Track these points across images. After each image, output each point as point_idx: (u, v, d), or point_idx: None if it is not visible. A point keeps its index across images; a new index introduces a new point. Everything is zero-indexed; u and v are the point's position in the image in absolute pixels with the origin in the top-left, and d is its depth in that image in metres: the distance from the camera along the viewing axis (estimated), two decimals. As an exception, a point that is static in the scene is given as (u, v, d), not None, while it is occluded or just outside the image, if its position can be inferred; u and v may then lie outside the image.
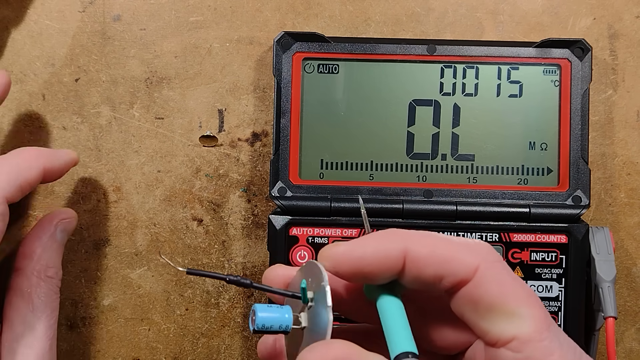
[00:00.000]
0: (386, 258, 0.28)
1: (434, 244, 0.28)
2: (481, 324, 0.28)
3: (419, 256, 0.28)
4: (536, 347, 0.27)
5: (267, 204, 0.48)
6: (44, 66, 0.48)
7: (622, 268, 0.48)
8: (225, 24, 0.48)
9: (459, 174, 0.45)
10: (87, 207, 0.48)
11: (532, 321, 0.27)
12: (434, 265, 0.28)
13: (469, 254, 0.28)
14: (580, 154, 0.44)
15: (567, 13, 0.48)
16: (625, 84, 0.47)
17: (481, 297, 0.28)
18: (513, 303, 0.27)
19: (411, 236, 0.29)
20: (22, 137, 0.48)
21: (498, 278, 0.28)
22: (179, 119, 0.48)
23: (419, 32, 0.48)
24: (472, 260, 0.28)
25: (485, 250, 0.29)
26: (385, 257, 0.28)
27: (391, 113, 0.45)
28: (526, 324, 0.27)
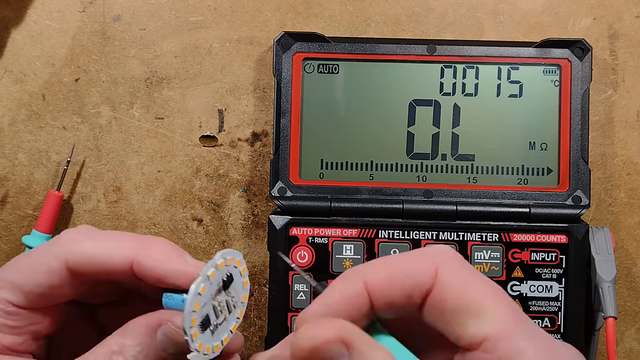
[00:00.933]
0: (351, 302, 0.27)
1: (388, 264, 0.28)
2: (453, 330, 0.27)
3: (378, 283, 0.27)
4: (507, 345, 0.26)
5: (267, 204, 0.48)
6: (44, 66, 0.48)
7: (622, 268, 0.48)
8: (225, 24, 0.48)
9: (459, 174, 0.45)
10: (87, 207, 0.48)
11: (500, 318, 0.26)
12: (397, 285, 0.27)
13: (424, 260, 0.28)
14: (580, 154, 0.44)
15: (567, 13, 0.48)
16: (625, 84, 0.47)
17: (446, 300, 0.27)
18: (478, 300, 0.26)
19: (366, 269, 0.28)
20: (22, 137, 0.48)
21: (458, 276, 0.27)
22: (179, 119, 0.48)
23: (419, 32, 0.48)
24: (428, 265, 0.27)
25: (442, 252, 0.28)
26: (349, 301, 0.27)
27: (391, 113, 0.45)
28: (494, 321, 0.26)
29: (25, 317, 0.31)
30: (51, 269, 0.30)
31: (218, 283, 0.29)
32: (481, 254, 0.44)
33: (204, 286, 0.28)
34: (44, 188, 0.48)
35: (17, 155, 0.48)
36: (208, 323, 0.28)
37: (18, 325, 0.30)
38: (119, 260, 0.29)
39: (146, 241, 0.30)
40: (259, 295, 0.48)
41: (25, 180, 0.48)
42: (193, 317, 0.28)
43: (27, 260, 0.30)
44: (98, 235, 0.30)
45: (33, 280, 0.30)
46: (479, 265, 0.44)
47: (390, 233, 0.44)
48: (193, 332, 0.28)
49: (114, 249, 0.29)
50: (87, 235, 0.30)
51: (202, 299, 0.28)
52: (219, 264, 0.29)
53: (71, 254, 0.29)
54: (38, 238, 0.46)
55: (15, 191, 0.48)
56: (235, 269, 0.30)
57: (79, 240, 0.30)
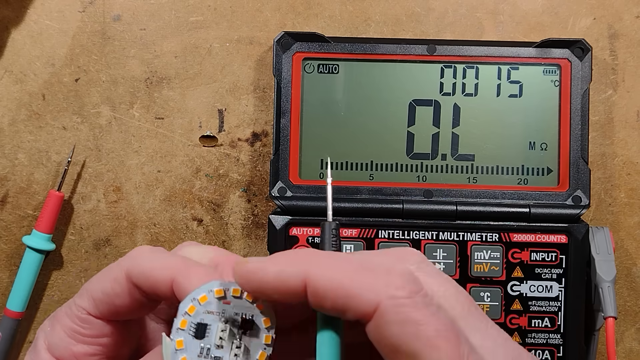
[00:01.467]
0: (285, 285, 0.27)
1: (337, 272, 0.26)
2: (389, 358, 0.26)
3: (317, 286, 0.26)
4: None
5: (267, 204, 0.48)
6: (44, 66, 0.48)
7: (622, 268, 0.48)
8: (225, 24, 0.48)
9: (459, 174, 0.45)
10: (87, 207, 0.48)
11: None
12: (333, 298, 0.26)
13: (371, 289, 0.26)
14: (580, 154, 0.44)
15: (567, 13, 0.48)
16: (625, 84, 0.47)
17: (382, 337, 0.26)
18: (414, 346, 0.25)
19: (315, 261, 0.27)
20: (22, 137, 0.48)
21: (400, 318, 0.25)
22: (179, 119, 0.48)
23: (419, 32, 0.48)
24: (372, 297, 0.26)
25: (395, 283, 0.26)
26: (284, 283, 0.27)
27: (391, 113, 0.45)
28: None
29: (96, 326, 0.31)
30: (116, 277, 0.30)
31: (236, 312, 0.27)
32: (481, 254, 0.44)
33: (204, 295, 0.27)
34: (44, 188, 0.48)
35: (17, 155, 0.48)
36: (202, 335, 0.27)
37: (89, 334, 0.31)
38: (162, 277, 0.29)
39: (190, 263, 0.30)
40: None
41: (25, 180, 0.48)
42: (184, 318, 0.27)
43: (103, 270, 0.32)
44: (158, 252, 0.31)
45: (101, 287, 0.31)
46: (478, 266, 0.44)
47: (390, 233, 0.44)
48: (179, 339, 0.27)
49: (161, 265, 0.30)
50: (150, 251, 0.31)
51: (200, 307, 0.27)
52: (233, 289, 0.28)
53: (131, 265, 0.30)
54: (38, 238, 0.46)
55: (15, 191, 0.48)
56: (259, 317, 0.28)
57: (140, 254, 0.31)
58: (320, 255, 0.27)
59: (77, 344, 0.31)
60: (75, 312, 0.31)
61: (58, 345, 0.31)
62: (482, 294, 0.44)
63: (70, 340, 0.31)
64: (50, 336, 0.32)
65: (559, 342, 0.44)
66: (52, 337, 0.32)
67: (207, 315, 0.27)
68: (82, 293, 0.32)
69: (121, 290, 0.31)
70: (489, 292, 0.44)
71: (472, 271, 0.44)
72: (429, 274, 0.28)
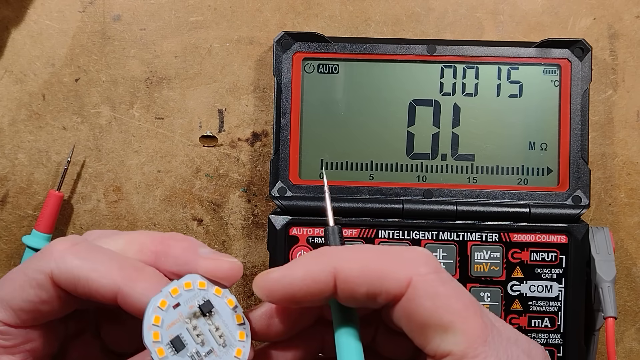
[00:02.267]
0: (316, 282, 0.27)
1: (364, 259, 0.27)
2: (418, 338, 0.27)
3: (348, 276, 0.27)
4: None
5: (267, 204, 0.48)
6: (44, 66, 0.48)
7: (622, 268, 0.48)
8: (225, 24, 0.48)
9: (459, 174, 0.45)
10: (87, 207, 0.48)
11: (466, 336, 0.26)
12: (366, 284, 0.27)
13: (401, 268, 0.27)
14: (580, 154, 0.44)
15: (567, 13, 0.48)
16: (625, 84, 0.47)
17: (415, 312, 0.27)
18: (446, 318, 0.26)
19: (341, 255, 0.27)
20: (22, 137, 0.48)
21: (431, 292, 0.26)
22: (179, 119, 0.48)
23: (419, 32, 0.48)
24: (404, 275, 0.27)
25: (419, 261, 0.27)
26: (314, 280, 0.27)
27: (391, 113, 0.45)
28: (460, 339, 0.26)
29: (17, 335, 0.29)
30: (39, 283, 0.28)
31: (190, 305, 0.27)
32: (481, 254, 0.44)
33: (163, 299, 0.27)
34: (44, 188, 0.48)
35: (17, 155, 0.48)
36: (181, 346, 0.27)
37: (11, 344, 0.29)
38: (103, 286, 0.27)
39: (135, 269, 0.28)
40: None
41: (25, 180, 0.48)
42: (154, 330, 0.26)
43: (16, 275, 0.28)
44: (87, 253, 0.28)
45: (20, 296, 0.28)
46: (478, 266, 0.44)
47: (390, 233, 0.44)
48: (157, 348, 0.26)
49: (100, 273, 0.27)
50: (75, 251, 0.28)
51: (165, 314, 0.27)
52: (184, 284, 0.27)
53: (56, 269, 0.27)
54: (38, 238, 0.46)
55: (15, 191, 0.48)
56: (218, 299, 0.28)
57: (65, 255, 0.28)
58: (343, 248, 0.28)
59: (1, 356, 0.29)
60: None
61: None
62: (482, 294, 0.44)
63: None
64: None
65: (559, 342, 0.44)
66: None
67: (172, 329, 0.27)
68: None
69: (48, 297, 0.28)
70: (489, 292, 0.44)
71: (472, 271, 0.44)
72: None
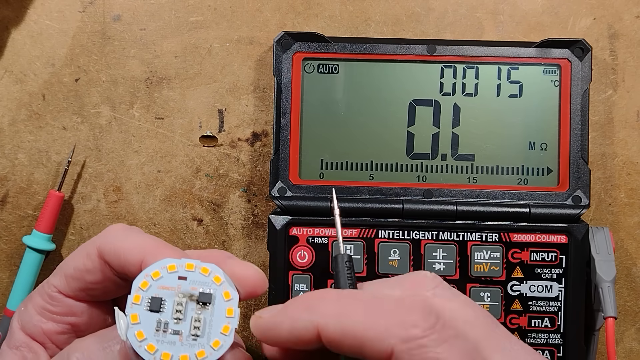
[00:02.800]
0: (300, 339, 0.27)
1: (344, 322, 0.26)
2: None
3: (330, 336, 0.26)
4: None
5: (267, 204, 0.48)
6: (44, 66, 0.48)
7: (622, 268, 0.48)
8: (225, 24, 0.48)
9: (459, 174, 0.45)
10: (87, 207, 0.48)
11: None
12: (347, 346, 0.26)
13: (382, 336, 0.25)
14: (580, 154, 0.44)
15: (567, 13, 0.48)
16: (625, 84, 0.47)
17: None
18: None
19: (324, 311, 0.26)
20: (22, 137, 0.48)
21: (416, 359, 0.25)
22: (179, 119, 0.48)
23: (419, 32, 0.48)
24: (384, 346, 0.25)
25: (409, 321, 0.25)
26: (298, 338, 0.27)
27: (391, 113, 0.45)
28: None
29: (65, 304, 0.32)
30: (88, 253, 0.31)
31: (192, 287, 0.28)
32: (481, 254, 0.44)
33: (173, 264, 0.28)
34: (44, 188, 0.48)
35: (17, 155, 0.48)
36: (157, 308, 0.27)
37: (58, 311, 0.32)
38: (133, 256, 0.30)
39: (164, 245, 0.31)
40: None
41: (25, 180, 0.48)
42: (145, 280, 0.28)
43: (78, 248, 0.32)
44: (132, 232, 0.32)
45: (73, 264, 0.31)
46: (478, 266, 0.44)
47: (390, 233, 0.44)
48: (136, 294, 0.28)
49: (132, 245, 0.30)
50: (123, 230, 0.32)
51: (166, 277, 0.28)
52: (202, 268, 0.28)
53: (103, 243, 0.31)
54: (38, 238, 0.46)
55: (15, 191, 0.48)
56: (223, 302, 0.28)
57: (114, 232, 0.32)
58: (330, 301, 0.27)
59: (47, 322, 0.32)
60: (46, 291, 0.32)
61: (29, 323, 0.32)
62: (482, 294, 0.44)
63: (40, 317, 0.32)
64: (23, 315, 0.32)
65: (559, 342, 0.44)
66: (24, 315, 0.32)
67: (162, 290, 0.28)
68: (56, 272, 0.32)
69: (93, 267, 0.31)
70: (489, 292, 0.44)
71: (472, 271, 0.44)
72: (447, 298, 0.27)
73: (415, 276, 0.29)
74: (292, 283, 0.44)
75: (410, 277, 0.29)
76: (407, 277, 0.29)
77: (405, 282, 0.29)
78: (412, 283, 0.28)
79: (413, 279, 0.29)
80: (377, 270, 0.44)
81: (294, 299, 0.28)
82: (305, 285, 0.44)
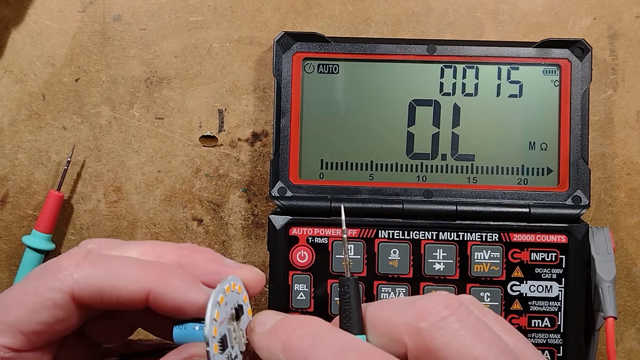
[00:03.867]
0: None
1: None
2: None
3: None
4: None
5: (267, 204, 0.48)
6: (44, 66, 0.48)
7: (622, 268, 0.48)
8: (225, 24, 0.48)
9: (459, 174, 0.45)
10: (87, 207, 0.48)
11: None
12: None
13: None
14: (580, 154, 0.44)
15: (567, 13, 0.48)
16: (625, 84, 0.47)
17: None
18: None
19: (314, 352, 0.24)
20: (22, 137, 0.48)
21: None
22: (179, 119, 0.48)
23: (419, 32, 0.48)
24: None
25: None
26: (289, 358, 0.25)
27: (391, 113, 0.45)
28: None
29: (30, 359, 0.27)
30: (56, 303, 0.26)
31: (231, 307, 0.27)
32: (481, 254, 0.44)
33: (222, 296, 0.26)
34: (44, 188, 0.48)
35: (17, 155, 0.48)
36: (226, 345, 0.26)
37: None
38: (133, 291, 0.26)
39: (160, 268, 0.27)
40: (259, 295, 0.48)
41: (25, 180, 0.48)
42: (215, 326, 0.26)
43: (24, 297, 0.26)
44: (103, 262, 0.27)
45: (33, 318, 0.26)
46: (478, 266, 0.44)
47: (390, 233, 0.44)
48: (215, 344, 0.26)
49: (127, 279, 0.26)
50: (91, 262, 0.27)
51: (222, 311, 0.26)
52: (232, 284, 0.27)
53: (76, 285, 0.26)
54: (38, 238, 0.46)
55: (15, 191, 0.48)
56: (245, 305, 0.28)
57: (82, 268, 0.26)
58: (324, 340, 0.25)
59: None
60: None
61: None
62: (482, 294, 0.44)
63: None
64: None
65: (559, 342, 0.44)
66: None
67: (221, 326, 0.27)
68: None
69: (66, 315, 0.26)
70: (489, 292, 0.44)
71: (472, 271, 0.44)
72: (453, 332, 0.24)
73: (428, 301, 0.25)
74: (292, 283, 0.44)
75: (421, 302, 0.25)
76: (418, 301, 0.25)
77: (406, 313, 0.25)
78: (420, 308, 0.25)
79: (423, 304, 0.25)
80: (377, 270, 0.44)
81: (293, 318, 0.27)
82: (305, 285, 0.44)
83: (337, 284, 0.43)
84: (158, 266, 0.27)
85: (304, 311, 0.44)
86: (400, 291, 0.44)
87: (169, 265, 0.28)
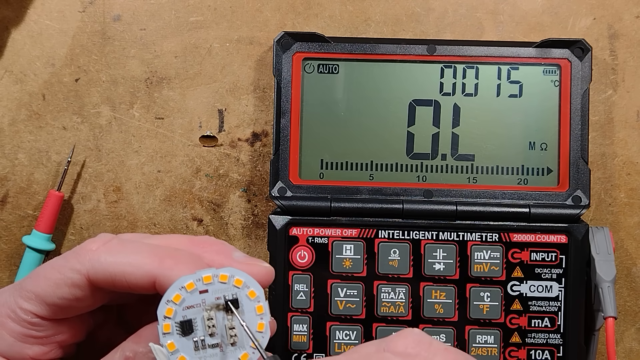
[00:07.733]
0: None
1: None
2: None
3: None
4: None
5: (267, 204, 0.48)
6: (44, 66, 0.48)
7: (622, 268, 0.48)
8: (225, 24, 0.48)
9: (459, 174, 0.45)
10: (87, 207, 0.48)
11: None
12: None
13: None
14: (580, 154, 0.44)
15: (567, 13, 0.48)
16: (625, 84, 0.47)
17: None
18: None
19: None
20: (22, 137, 0.48)
21: None
22: (179, 119, 0.48)
23: (419, 32, 0.48)
24: None
25: None
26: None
27: (391, 113, 0.45)
28: None
29: (50, 327, 0.30)
30: (74, 282, 0.29)
31: (216, 297, 0.28)
32: (481, 254, 0.44)
33: (192, 282, 0.27)
34: (44, 188, 0.48)
35: (17, 155, 0.48)
36: (189, 330, 0.27)
37: (43, 335, 0.30)
38: (140, 277, 0.28)
39: (169, 256, 0.29)
40: (259, 295, 0.48)
41: (25, 180, 0.48)
42: (170, 307, 0.27)
43: (50, 273, 0.29)
44: (119, 248, 0.29)
45: (55, 293, 0.29)
46: (478, 266, 0.44)
47: (390, 233, 0.44)
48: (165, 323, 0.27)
49: (136, 266, 0.28)
50: (108, 248, 0.29)
51: (188, 296, 0.27)
52: (220, 275, 0.28)
53: (92, 269, 0.29)
54: (38, 238, 0.46)
55: (15, 191, 0.48)
56: (249, 302, 0.28)
57: (99, 254, 0.29)
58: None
59: (32, 346, 0.30)
60: (23, 317, 0.30)
61: (9, 351, 0.30)
62: (482, 294, 0.44)
63: (22, 344, 0.30)
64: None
65: (559, 342, 0.44)
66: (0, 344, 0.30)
67: (188, 311, 0.28)
68: (26, 296, 0.30)
69: (83, 295, 0.29)
70: (489, 292, 0.44)
71: (472, 271, 0.44)
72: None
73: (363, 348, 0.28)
74: (292, 283, 0.44)
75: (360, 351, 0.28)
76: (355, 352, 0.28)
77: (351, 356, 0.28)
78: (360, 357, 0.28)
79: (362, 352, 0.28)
80: (377, 270, 0.44)
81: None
82: (305, 285, 0.44)
83: (337, 283, 0.44)
84: (164, 254, 0.29)
85: (304, 311, 0.44)
86: (400, 291, 0.44)
87: (177, 251, 0.29)
